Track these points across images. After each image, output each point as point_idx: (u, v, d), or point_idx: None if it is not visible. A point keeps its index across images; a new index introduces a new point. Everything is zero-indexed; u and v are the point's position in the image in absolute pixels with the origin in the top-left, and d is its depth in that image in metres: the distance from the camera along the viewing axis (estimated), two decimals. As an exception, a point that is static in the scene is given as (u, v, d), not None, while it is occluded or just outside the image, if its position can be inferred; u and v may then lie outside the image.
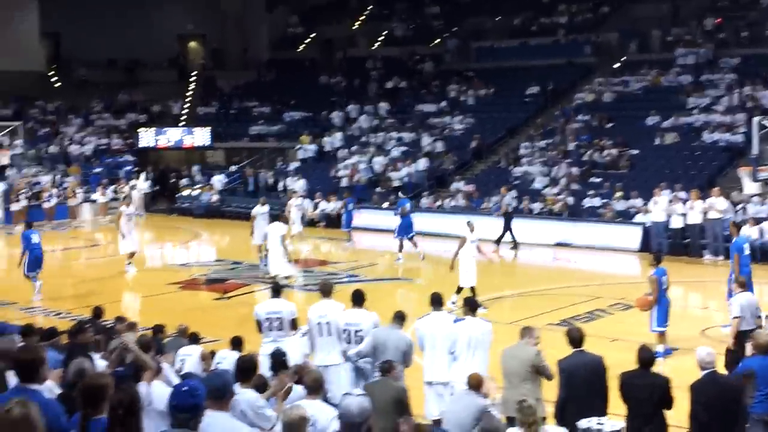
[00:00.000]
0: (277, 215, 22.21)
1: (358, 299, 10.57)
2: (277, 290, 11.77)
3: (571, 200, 27.65)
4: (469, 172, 33.12)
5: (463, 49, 42.39)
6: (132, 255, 22.65)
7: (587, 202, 27.41)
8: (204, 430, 5.35)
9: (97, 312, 12.19)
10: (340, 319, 10.44)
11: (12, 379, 5.81)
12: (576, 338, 9.02)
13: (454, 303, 16.36)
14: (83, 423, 5.57)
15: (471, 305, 10.40)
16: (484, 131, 34.80)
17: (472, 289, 16.85)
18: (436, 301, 10.49)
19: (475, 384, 8.34)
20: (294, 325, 11.28)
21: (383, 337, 9.90)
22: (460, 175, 32.35)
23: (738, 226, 16.83)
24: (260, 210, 23.03)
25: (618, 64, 36.51)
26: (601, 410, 8.44)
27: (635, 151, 29.60)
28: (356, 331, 10.23)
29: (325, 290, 11.01)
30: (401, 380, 9.43)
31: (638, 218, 25.01)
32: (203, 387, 5.41)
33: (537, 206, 27.86)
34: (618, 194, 26.70)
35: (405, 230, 23.58)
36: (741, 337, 11.51)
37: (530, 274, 23.31)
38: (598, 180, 28.67)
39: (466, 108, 37.11)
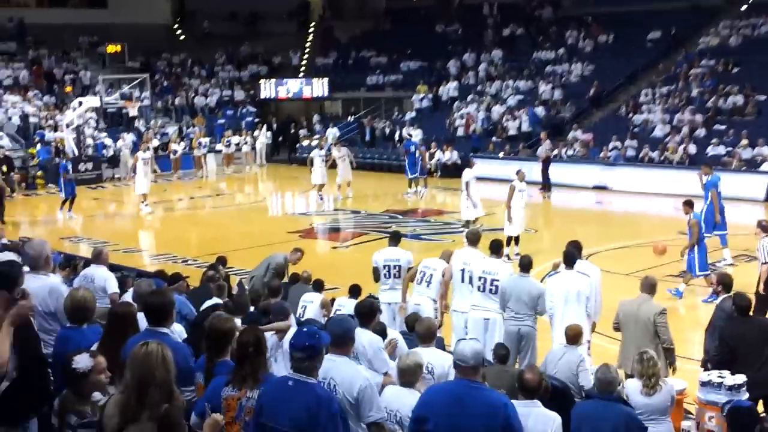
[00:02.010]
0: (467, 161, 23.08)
1: (496, 249, 10.63)
2: (395, 238, 11.92)
3: (693, 148, 26.91)
4: (587, 121, 32.57)
5: (582, -7, 41.45)
6: (145, 196, 24.25)
7: (711, 151, 26.62)
8: (325, 373, 5.53)
9: (222, 260, 12.66)
10: (478, 267, 10.48)
11: (142, 322, 6.07)
12: (728, 283, 9.15)
13: (513, 255, 16.48)
14: (209, 365, 5.90)
15: (569, 258, 9.94)
16: (602, 78, 34.08)
17: (516, 238, 17.27)
18: (569, 259, 10.01)
19: (573, 336, 8.24)
20: (411, 273, 11.45)
21: (512, 285, 9.96)
22: (578, 123, 31.85)
23: (709, 165, 18.13)
24: (318, 153, 26.67)
25: (745, 6, 35.07)
26: None
27: (762, 97, 28.54)
28: (492, 280, 10.24)
29: (473, 238, 11.14)
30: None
31: (765, 167, 24.22)
32: (324, 333, 5.50)
33: (657, 155, 27.23)
34: (744, 142, 25.86)
35: (412, 168, 26.60)
36: None
37: (650, 224, 22.88)
38: (722, 127, 27.79)
39: (585, 55, 36.35)
